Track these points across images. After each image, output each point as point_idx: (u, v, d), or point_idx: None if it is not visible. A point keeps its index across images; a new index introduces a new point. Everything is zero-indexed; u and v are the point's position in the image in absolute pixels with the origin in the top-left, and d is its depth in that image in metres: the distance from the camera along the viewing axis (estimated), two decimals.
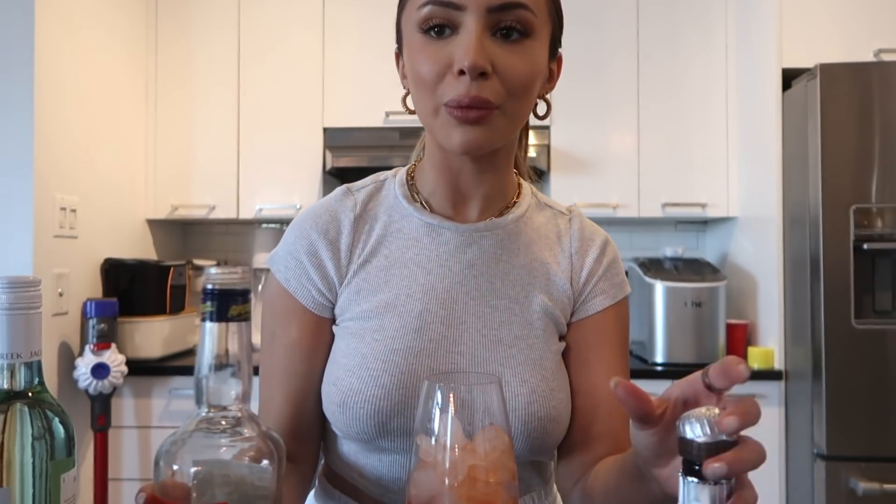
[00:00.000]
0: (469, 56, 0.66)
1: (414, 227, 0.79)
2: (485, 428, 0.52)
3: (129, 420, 2.24)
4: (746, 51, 2.45)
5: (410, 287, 0.76)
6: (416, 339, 0.74)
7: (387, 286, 0.77)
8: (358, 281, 0.78)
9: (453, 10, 0.68)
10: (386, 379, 0.72)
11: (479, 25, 0.68)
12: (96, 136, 2.30)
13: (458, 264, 0.78)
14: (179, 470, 0.48)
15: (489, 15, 0.68)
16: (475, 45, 0.67)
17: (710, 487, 0.47)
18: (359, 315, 0.76)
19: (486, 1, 0.68)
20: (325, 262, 0.78)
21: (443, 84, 0.69)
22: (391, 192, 0.82)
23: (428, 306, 0.76)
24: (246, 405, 0.51)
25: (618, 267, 0.84)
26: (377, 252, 0.78)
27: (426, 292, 0.76)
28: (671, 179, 2.53)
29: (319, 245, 0.78)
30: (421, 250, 0.78)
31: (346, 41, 2.57)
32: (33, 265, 1.96)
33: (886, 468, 1.94)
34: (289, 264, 0.79)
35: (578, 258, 0.82)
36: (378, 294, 0.76)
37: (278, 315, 0.79)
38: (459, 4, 0.68)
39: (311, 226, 0.79)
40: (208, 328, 0.49)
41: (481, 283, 0.78)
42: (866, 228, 1.99)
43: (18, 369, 0.52)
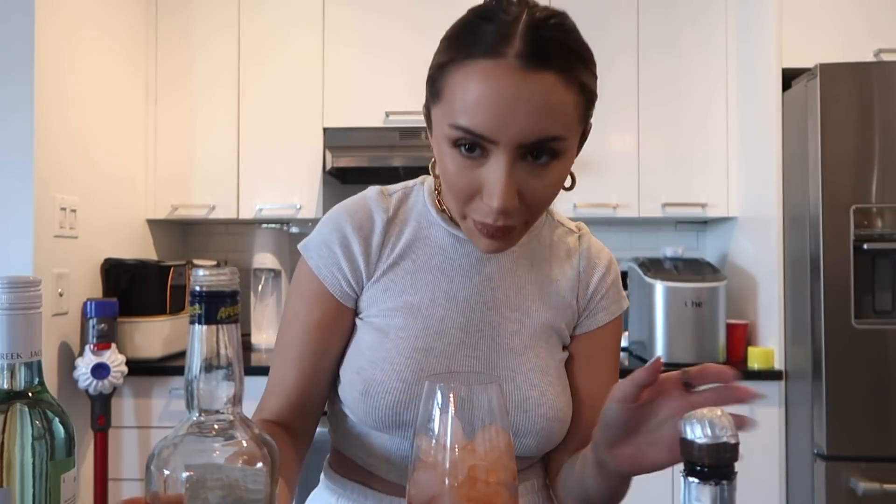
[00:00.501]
0: (499, 199, 0.68)
1: (441, 237, 0.85)
2: (485, 428, 0.52)
3: (129, 420, 2.24)
4: (746, 51, 2.45)
5: (434, 293, 0.83)
6: (436, 340, 0.81)
7: (413, 289, 0.83)
8: (386, 280, 0.83)
9: (485, 141, 0.68)
10: (408, 374, 0.78)
11: (509, 161, 0.68)
12: (96, 136, 2.30)
13: (479, 276, 0.84)
14: (171, 475, 0.48)
15: (520, 148, 0.68)
16: (504, 188, 0.68)
17: (711, 487, 0.47)
18: (384, 312, 0.82)
19: (518, 138, 0.67)
20: (356, 256, 0.82)
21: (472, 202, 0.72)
22: (420, 199, 0.87)
23: (449, 312, 0.82)
24: (238, 408, 0.51)
25: (619, 284, 0.91)
26: (406, 255, 0.84)
27: (448, 299, 0.83)
28: (671, 179, 2.53)
29: (353, 239, 0.82)
30: (446, 259, 0.84)
31: (346, 41, 2.57)
32: (33, 265, 1.96)
33: (886, 468, 1.94)
34: (321, 252, 0.83)
35: (585, 276, 0.88)
36: (404, 295, 0.82)
37: (305, 297, 0.84)
38: (492, 139, 0.68)
39: (346, 219, 0.83)
40: (197, 331, 0.49)
41: (497, 295, 0.84)
42: (866, 228, 1.99)
43: (18, 369, 0.52)
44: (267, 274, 2.69)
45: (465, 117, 0.68)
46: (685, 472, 0.48)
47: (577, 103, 0.70)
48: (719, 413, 0.48)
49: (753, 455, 2.17)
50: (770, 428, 2.17)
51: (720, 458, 0.47)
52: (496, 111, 0.66)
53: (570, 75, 0.69)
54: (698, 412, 0.49)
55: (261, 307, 2.69)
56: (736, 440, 0.48)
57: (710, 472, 0.47)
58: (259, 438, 0.51)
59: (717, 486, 0.47)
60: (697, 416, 0.48)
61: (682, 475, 0.49)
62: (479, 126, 0.67)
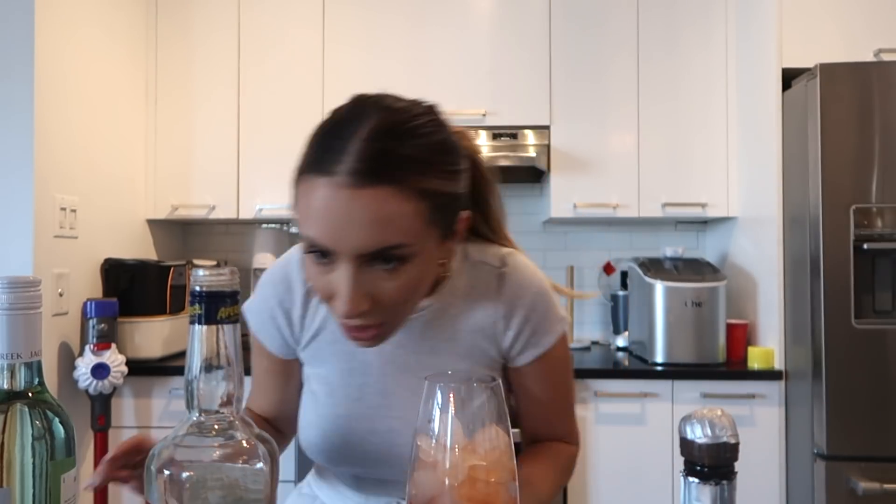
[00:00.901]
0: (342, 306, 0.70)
1: None
2: (484, 428, 0.52)
3: (130, 420, 2.24)
4: (746, 51, 2.45)
5: (351, 363, 0.89)
6: (356, 406, 0.88)
7: (334, 358, 0.89)
8: (311, 349, 0.91)
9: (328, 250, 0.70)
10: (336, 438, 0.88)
11: (352, 269, 0.70)
12: (96, 136, 2.30)
13: (389, 345, 0.85)
14: (171, 475, 0.47)
15: (360, 257, 0.69)
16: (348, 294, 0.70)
17: (711, 487, 0.47)
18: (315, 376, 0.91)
19: (354, 249, 0.69)
20: (282, 328, 0.91)
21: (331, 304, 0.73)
22: None
23: (366, 379, 0.88)
24: (238, 408, 0.51)
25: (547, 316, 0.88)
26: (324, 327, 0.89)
27: (364, 368, 0.88)
28: (671, 179, 2.53)
29: (277, 313, 0.91)
30: None
31: (347, 41, 2.57)
32: (33, 265, 1.96)
33: (886, 468, 1.94)
34: (256, 319, 0.93)
35: (504, 321, 0.88)
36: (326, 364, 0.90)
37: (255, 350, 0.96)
38: (332, 250, 0.70)
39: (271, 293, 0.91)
40: (197, 331, 0.49)
41: (409, 359, 0.88)
42: (866, 228, 1.99)
43: (18, 369, 0.52)
44: None
45: (307, 228, 0.70)
46: (685, 472, 0.48)
47: (418, 210, 0.70)
48: (719, 413, 0.48)
49: (753, 455, 2.17)
50: (770, 428, 2.17)
51: (720, 457, 0.47)
52: (330, 226, 0.68)
53: (405, 185, 0.69)
54: (699, 412, 0.49)
55: None
56: (736, 440, 0.48)
57: (710, 472, 0.47)
58: (259, 437, 0.51)
59: (717, 486, 0.47)
60: (697, 417, 0.48)
61: (682, 475, 0.49)
62: (319, 238, 0.69)
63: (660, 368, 2.26)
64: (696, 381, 2.20)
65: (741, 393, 2.17)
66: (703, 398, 2.20)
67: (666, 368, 2.25)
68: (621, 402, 2.22)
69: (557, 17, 2.53)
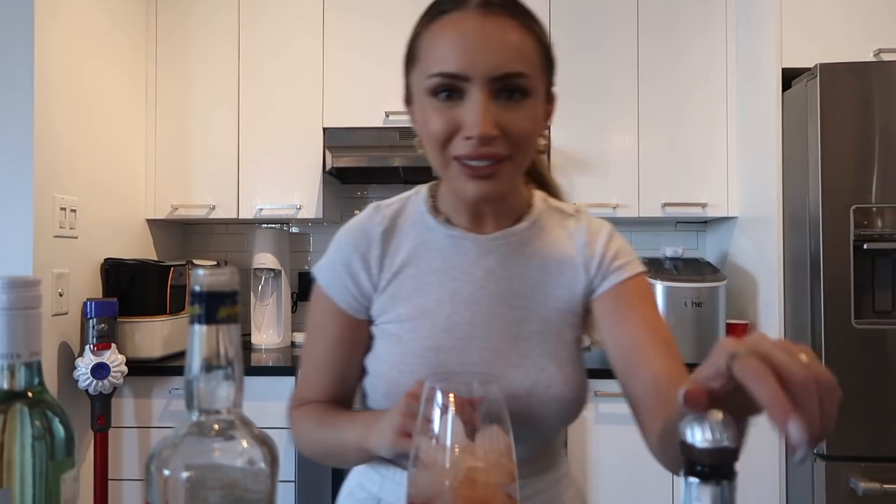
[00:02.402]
0: (478, 127, 0.75)
1: (439, 239, 0.90)
2: (485, 428, 0.52)
3: (130, 420, 2.24)
4: (746, 51, 2.45)
5: (439, 293, 0.87)
6: (445, 337, 0.85)
7: (418, 293, 0.88)
8: (392, 289, 0.88)
9: (461, 81, 0.76)
10: (423, 372, 0.83)
11: (483, 94, 0.76)
12: (96, 136, 2.30)
13: (480, 271, 0.88)
14: (171, 475, 0.48)
15: (491, 83, 0.76)
16: (482, 115, 0.75)
17: (713, 488, 0.47)
18: (395, 318, 0.88)
19: (488, 72, 0.76)
20: (357, 273, 0.89)
21: (452, 143, 0.78)
22: (416, 208, 0.93)
23: (455, 309, 0.86)
24: (238, 408, 0.51)
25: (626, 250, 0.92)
26: (409, 263, 0.89)
27: (453, 297, 0.87)
28: (671, 179, 2.53)
29: (352, 258, 0.89)
30: (446, 260, 0.88)
31: (346, 41, 2.57)
32: (33, 265, 1.96)
33: (886, 468, 1.94)
34: (328, 273, 0.91)
35: (588, 249, 0.91)
36: (411, 300, 0.87)
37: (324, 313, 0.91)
38: (465, 76, 0.76)
39: (345, 241, 0.91)
40: (197, 331, 0.49)
41: (501, 286, 0.87)
42: (866, 228, 1.99)
43: (18, 369, 0.52)
44: (267, 274, 2.69)
45: (438, 64, 0.77)
46: (685, 473, 0.48)
47: (536, 49, 0.80)
48: (721, 417, 0.48)
49: (753, 455, 2.17)
50: (770, 428, 2.17)
51: (720, 458, 0.47)
52: (464, 50, 0.76)
53: (525, 22, 0.79)
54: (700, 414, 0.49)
55: (261, 307, 2.69)
56: (737, 445, 0.48)
57: (710, 473, 0.47)
58: (259, 438, 0.51)
59: (717, 487, 0.47)
60: (699, 419, 0.48)
61: (682, 475, 0.49)
62: (454, 67, 0.76)
63: None
64: None
65: None
66: None
67: None
68: (621, 402, 2.20)
69: (557, 17, 2.53)
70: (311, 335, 0.93)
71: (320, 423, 0.88)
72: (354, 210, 2.93)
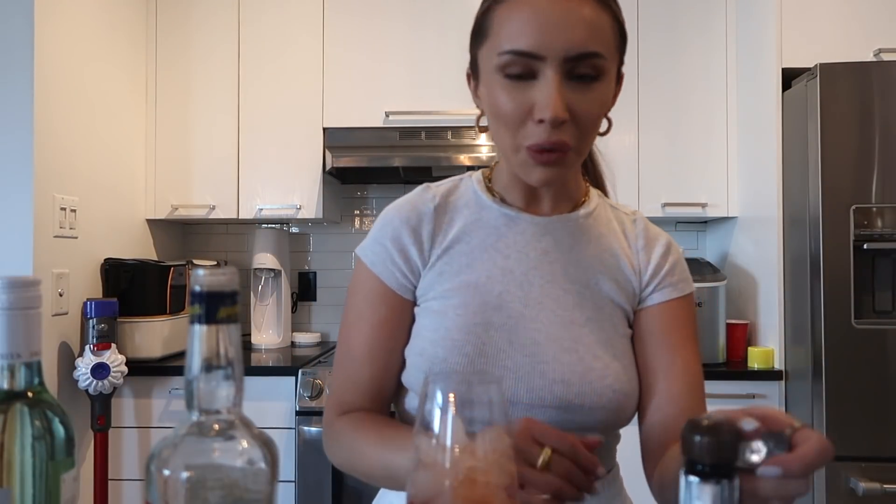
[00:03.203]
0: (550, 109, 0.73)
1: (493, 217, 0.86)
2: (486, 429, 0.52)
3: (130, 420, 2.24)
4: (746, 51, 2.45)
5: (491, 270, 0.83)
6: (495, 315, 0.81)
7: (469, 269, 0.84)
8: (441, 265, 0.85)
9: (534, 60, 0.74)
10: (469, 349, 0.79)
11: (557, 75, 0.73)
12: (96, 136, 2.30)
13: (535, 251, 0.85)
14: (171, 475, 0.48)
15: (566, 63, 0.74)
16: (556, 97, 0.73)
17: (712, 486, 0.47)
18: (441, 294, 0.83)
19: (563, 51, 0.73)
20: (407, 248, 0.85)
21: (524, 128, 0.76)
22: (470, 188, 0.90)
23: (507, 287, 0.83)
24: (238, 408, 0.51)
25: (683, 266, 0.89)
26: (460, 239, 0.85)
27: (505, 275, 0.83)
28: (671, 179, 2.53)
29: (402, 232, 0.85)
30: (500, 238, 0.85)
31: (346, 41, 2.57)
32: (33, 265, 1.96)
33: (886, 468, 1.94)
34: (375, 250, 0.86)
35: (645, 254, 0.88)
36: (460, 275, 0.83)
37: (367, 297, 0.86)
38: (539, 55, 0.73)
39: (395, 216, 0.86)
40: (197, 331, 0.49)
41: (555, 268, 0.84)
42: (866, 228, 1.99)
43: (18, 369, 0.52)
44: (267, 274, 2.69)
45: (512, 41, 0.74)
46: (685, 471, 0.48)
47: (613, 29, 0.77)
48: (720, 415, 0.48)
49: None
50: None
51: (721, 456, 0.47)
52: (540, 28, 0.73)
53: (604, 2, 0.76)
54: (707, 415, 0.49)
55: (261, 307, 2.69)
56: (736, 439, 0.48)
57: (710, 471, 0.47)
58: (259, 438, 0.51)
59: (717, 486, 0.47)
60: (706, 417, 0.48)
61: (682, 473, 0.49)
62: (528, 45, 0.73)
63: None
64: None
65: (741, 393, 2.17)
66: None
67: None
68: None
69: None
70: (351, 327, 0.87)
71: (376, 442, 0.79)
72: (354, 210, 2.94)
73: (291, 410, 2.20)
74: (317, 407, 2.14)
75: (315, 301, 2.92)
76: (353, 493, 2.14)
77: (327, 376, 2.16)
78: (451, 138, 2.46)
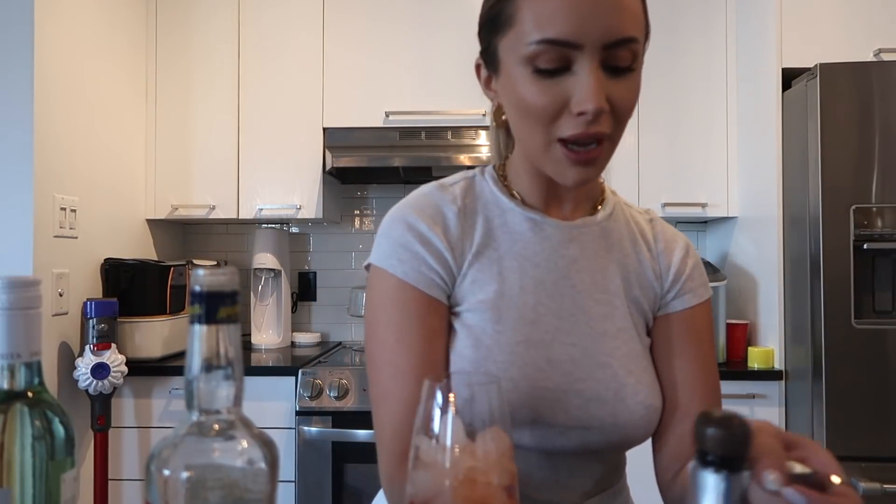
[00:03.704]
0: (593, 101, 0.68)
1: (518, 222, 0.81)
2: (486, 429, 0.52)
3: (130, 420, 2.24)
4: (746, 50, 2.45)
5: (522, 280, 0.79)
6: (533, 330, 0.77)
7: (500, 278, 0.78)
8: (473, 272, 0.79)
9: (569, 49, 0.68)
10: (514, 371, 0.74)
11: (595, 65, 0.69)
12: (96, 136, 2.30)
13: (563, 259, 0.81)
14: (171, 475, 0.48)
15: (604, 51, 0.69)
16: (597, 88, 0.68)
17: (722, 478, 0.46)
18: (475, 306, 0.78)
19: (602, 39, 0.68)
20: (441, 251, 0.78)
21: (559, 121, 0.71)
22: (486, 188, 0.84)
23: (540, 299, 0.78)
24: (238, 408, 0.51)
25: (701, 269, 0.87)
26: (487, 245, 0.80)
27: (537, 285, 0.79)
28: (671, 179, 2.53)
29: (432, 235, 0.78)
30: (527, 244, 0.81)
31: (346, 41, 2.57)
32: (33, 265, 1.96)
33: (886, 468, 1.94)
34: (403, 257, 0.77)
35: (665, 258, 0.85)
36: (492, 285, 0.78)
37: (404, 310, 0.76)
38: (577, 44, 0.68)
39: (418, 217, 0.79)
40: (197, 331, 0.49)
41: (584, 277, 0.81)
42: (866, 228, 1.99)
43: (18, 369, 0.52)
44: (267, 274, 2.69)
45: (544, 30, 0.68)
46: (697, 461, 0.48)
47: (644, 14, 0.73)
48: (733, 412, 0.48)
49: None
50: None
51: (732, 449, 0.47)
52: (577, 14, 0.67)
53: None
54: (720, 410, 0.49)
55: (261, 307, 2.69)
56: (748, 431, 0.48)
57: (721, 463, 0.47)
58: (260, 438, 0.51)
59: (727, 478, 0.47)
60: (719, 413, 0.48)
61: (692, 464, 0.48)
62: (563, 32, 0.68)
63: None
64: None
65: (741, 393, 2.17)
66: None
67: None
68: None
69: None
70: (384, 344, 0.76)
71: None
72: (354, 210, 2.94)
73: (291, 410, 2.20)
74: (317, 407, 2.14)
75: (315, 301, 2.92)
76: (354, 493, 2.14)
77: (327, 376, 2.16)
78: (451, 138, 2.46)
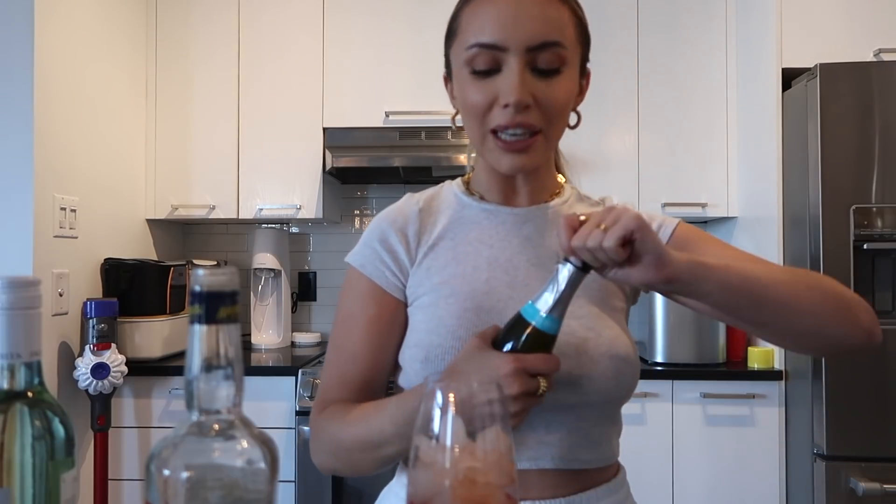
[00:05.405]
0: (514, 93, 0.78)
1: (474, 213, 0.91)
2: (485, 430, 0.52)
3: (130, 420, 2.24)
4: (746, 50, 2.45)
5: (476, 261, 0.87)
6: (485, 299, 0.84)
7: (455, 262, 0.87)
8: (427, 262, 0.88)
9: (497, 52, 0.80)
10: (462, 332, 0.82)
11: (520, 64, 0.79)
12: (96, 136, 2.30)
13: (517, 238, 0.89)
14: (171, 475, 0.48)
15: (528, 53, 0.79)
16: (518, 83, 0.78)
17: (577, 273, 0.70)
18: (430, 289, 0.86)
19: (524, 42, 0.79)
20: (395, 247, 0.89)
21: (491, 114, 0.81)
22: (451, 192, 0.95)
23: (494, 273, 0.86)
24: (238, 408, 0.51)
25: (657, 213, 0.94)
26: (444, 237, 0.90)
27: (490, 263, 0.87)
28: (671, 179, 2.53)
29: (389, 233, 0.90)
30: (482, 231, 0.90)
31: (346, 41, 2.57)
32: (33, 265, 1.96)
33: (886, 468, 1.94)
34: (364, 252, 0.90)
35: None
36: (447, 269, 0.87)
37: (357, 297, 0.89)
38: (502, 46, 0.79)
39: (382, 220, 0.92)
40: (197, 331, 0.49)
41: (539, 252, 0.88)
42: (866, 228, 1.99)
43: (18, 369, 0.52)
44: (267, 274, 2.69)
45: (476, 35, 0.81)
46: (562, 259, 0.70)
47: (572, 21, 0.83)
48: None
49: (753, 455, 2.17)
50: (770, 428, 2.17)
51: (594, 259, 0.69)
52: (502, 22, 0.79)
53: None
54: None
55: (261, 307, 2.69)
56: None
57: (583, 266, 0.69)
58: (259, 437, 0.51)
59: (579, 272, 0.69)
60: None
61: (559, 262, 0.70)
62: (490, 37, 0.79)
63: (660, 368, 2.26)
64: (696, 381, 2.20)
65: (741, 393, 2.17)
66: (703, 398, 2.20)
67: (666, 368, 2.25)
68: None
69: None
70: (342, 326, 0.89)
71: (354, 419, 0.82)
72: (354, 210, 2.94)
73: (291, 410, 2.20)
74: None
75: (315, 301, 2.92)
76: (353, 493, 2.14)
77: None
78: (451, 138, 2.46)
